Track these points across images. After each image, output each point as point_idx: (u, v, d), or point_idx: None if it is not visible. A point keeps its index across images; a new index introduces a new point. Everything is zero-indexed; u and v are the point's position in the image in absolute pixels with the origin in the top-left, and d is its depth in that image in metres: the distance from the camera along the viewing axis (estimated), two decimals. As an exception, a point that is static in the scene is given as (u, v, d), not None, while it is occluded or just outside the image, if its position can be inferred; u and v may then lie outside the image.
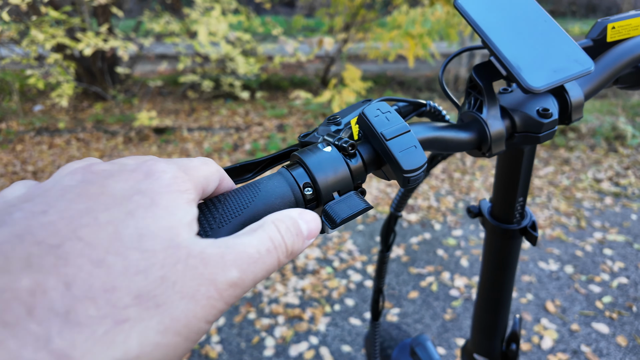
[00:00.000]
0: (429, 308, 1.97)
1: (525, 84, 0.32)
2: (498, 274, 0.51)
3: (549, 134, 0.38)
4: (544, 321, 1.87)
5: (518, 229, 0.48)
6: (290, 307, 1.97)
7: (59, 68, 3.79)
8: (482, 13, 0.35)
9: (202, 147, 3.87)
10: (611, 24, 0.43)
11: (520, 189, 0.46)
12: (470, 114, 0.38)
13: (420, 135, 0.34)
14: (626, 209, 2.78)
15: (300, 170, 0.29)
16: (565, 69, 0.33)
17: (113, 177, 0.21)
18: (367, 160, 0.31)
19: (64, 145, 3.99)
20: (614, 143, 3.77)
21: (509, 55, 0.33)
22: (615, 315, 1.89)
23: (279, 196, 0.28)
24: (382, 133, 0.30)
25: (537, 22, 0.36)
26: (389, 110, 0.31)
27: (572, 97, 0.39)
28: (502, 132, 0.37)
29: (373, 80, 5.99)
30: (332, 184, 0.29)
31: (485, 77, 0.37)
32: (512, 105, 0.38)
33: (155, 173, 0.22)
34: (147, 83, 5.23)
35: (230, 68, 4.27)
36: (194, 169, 0.24)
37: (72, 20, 3.79)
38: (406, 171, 0.29)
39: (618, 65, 0.40)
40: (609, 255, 2.31)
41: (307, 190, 0.29)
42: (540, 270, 2.20)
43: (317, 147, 0.30)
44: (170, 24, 4.29)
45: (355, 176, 0.30)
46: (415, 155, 0.29)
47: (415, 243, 2.46)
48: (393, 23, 3.04)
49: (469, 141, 0.37)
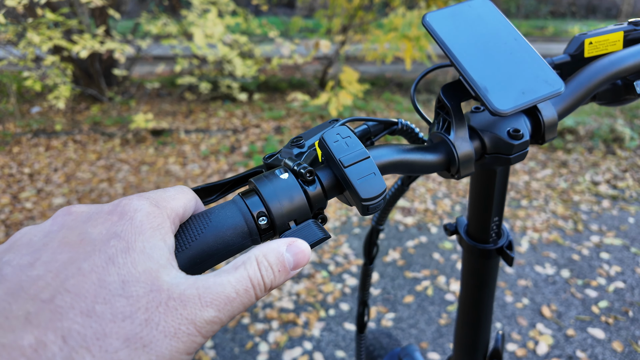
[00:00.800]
0: (424, 313, 1.96)
1: (491, 106, 0.31)
2: (476, 292, 0.50)
3: (521, 155, 0.37)
4: (540, 326, 1.86)
5: (494, 249, 0.47)
6: (285, 312, 1.96)
7: (56, 70, 3.78)
8: (450, 31, 0.34)
9: (199, 149, 3.86)
10: (588, 39, 0.43)
11: (495, 209, 0.45)
12: (438, 135, 0.37)
13: (384, 159, 0.33)
14: (623, 212, 2.77)
15: (255, 198, 0.28)
16: (534, 91, 0.32)
17: (90, 221, 0.23)
18: (327, 186, 0.30)
19: (61, 147, 3.98)
20: (612, 145, 3.76)
21: (476, 76, 0.32)
22: (612, 320, 1.88)
23: (230, 227, 0.27)
24: (341, 160, 0.29)
25: (508, 41, 0.34)
26: (348, 135, 0.30)
27: (544, 117, 0.38)
28: (471, 154, 0.36)
29: (371, 82, 5.98)
30: (287, 213, 0.28)
31: (454, 98, 0.35)
32: (482, 125, 0.37)
33: (128, 213, 0.23)
34: (144, 85, 5.22)
35: (227, 70, 4.27)
36: (168, 200, 0.26)
37: (69, 22, 3.78)
38: (364, 199, 0.28)
39: (593, 84, 0.39)
40: (606, 259, 2.30)
41: (262, 219, 0.28)
42: (537, 274, 2.19)
43: (274, 174, 0.29)
44: (168, 26, 4.28)
45: (314, 203, 0.29)
46: (374, 183, 0.29)
47: (411, 247, 2.45)
48: (390, 25, 3.04)
49: (436, 163, 0.36)
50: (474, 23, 0.35)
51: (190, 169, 3.50)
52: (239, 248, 0.28)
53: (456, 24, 0.35)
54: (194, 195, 0.28)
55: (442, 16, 0.35)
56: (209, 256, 0.26)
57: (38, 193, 3.12)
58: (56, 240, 0.22)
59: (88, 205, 0.25)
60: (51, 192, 3.14)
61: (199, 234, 0.26)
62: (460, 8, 0.36)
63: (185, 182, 3.27)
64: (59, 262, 0.21)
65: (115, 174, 3.44)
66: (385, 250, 2.42)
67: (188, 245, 0.25)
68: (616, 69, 0.40)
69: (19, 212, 2.85)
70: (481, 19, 0.35)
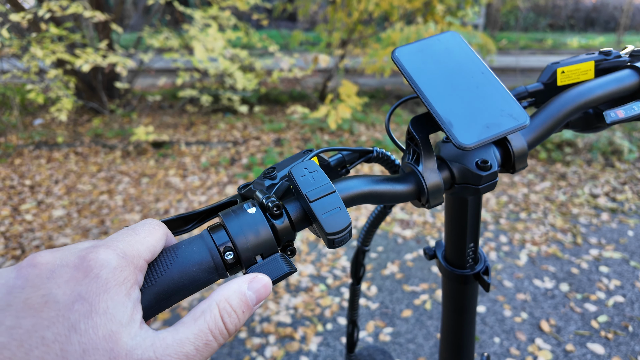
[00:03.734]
0: (423, 327, 1.95)
1: (456, 141, 0.32)
2: (457, 318, 0.51)
3: (490, 185, 0.37)
4: (539, 341, 1.85)
5: (472, 274, 0.48)
6: (282, 326, 1.95)
7: (59, 83, 3.83)
8: (418, 65, 0.35)
9: (200, 161, 3.88)
10: (561, 68, 0.44)
11: (470, 235, 0.46)
12: (408, 165, 0.38)
13: (352, 191, 0.34)
14: (623, 225, 2.76)
15: (222, 232, 0.29)
16: (498, 125, 0.33)
17: (54, 278, 0.22)
18: (295, 219, 0.31)
19: (62, 159, 4.01)
20: (611, 158, 3.77)
21: (441, 110, 0.33)
22: (611, 335, 1.86)
23: (196, 262, 0.27)
24: (306, 194, 0.30)
25: (475, 75, 0.35)
26: (315, 169, 0.31)
27: (514, 147, 0.38)
28: (439, 184, 0.36)
29: (371, 94, 6.03)
30: (253, 248, 0.28)
31: (422, 130, 0.36)
32: (451, 156, 0.38)
33: (94, 269, 0.23)
34: (146, 97, 5.27)
35: (228, 83, 4.31)
36: (137, 246, 0.26)
37: (72, 36, 3.84)
38: (329, 234, 0.29)
39: (563, 114, 0.40)
40: (605, 272, 2.28)
41: (228, 254, 0.28)
42: (535, 288, 2.18)
43: (242, 208, 0.30)
44: (170, 40, 4.34)
45: (282, 237, 0.30)
46: (338, 218, 0.29)
47: (409, 260, 2.44)
48: (388, 40, 3.08)
49: (407, 193, 0.36)
50: (442, 57, 0.36)
51: (190, 181, 3.51)
52: (206, 282, 0.28)
53: (424, 58, 0.36)
54: (164, 231, 0.28)
55: (411, 51, 0.36)
56: (175, 292, 0.27)
57: (38, 205, 3.14)
58: (19, 301, 0.22)
59: (54, 253, 0.24)
60: (51, 204, 3.16)
61: (164, 270, 0.26)
62: (429, 42, 0.37)
63: (184, 194, 3.28)
64: (23, 329, 0.21)
65: (116, 186, 3.46)
66: (383, 263, 2.41)
67: (154, 281, 0.26)
68: (585, 99, 0.41)
69: (18, 224, 2.86)
70: (449, 53, 0.36)
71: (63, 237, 2.71)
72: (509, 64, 8.48)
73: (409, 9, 3.90)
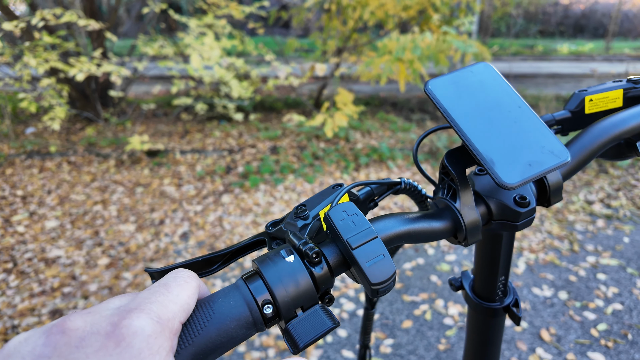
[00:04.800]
0: (423, 338, 1.93)
1: (499, 180, 0.31)
2: (482, 350, 0.50)
3: (528, 222, 0.37)
4: (539, 351, 1.84)
5: (501, 307, 0.47)
6: (282, 340, 1.93)
7: (51, 91, 3.79)
8: (452, 98, 0.34)
9: (195, 170, 3.86)
10: (589, 96, 0.43)
11: (502, 269, 0.45)
12: (444, 201, 0.36)
13: (391, 232, 0.32)
14: (618, 231, 2.78)
15: (259, 283, 0.27)
16: (541, 162, 0.32)
17: (84, 348, 0.21)
18: (333, 264, 0.29)
19: (55, 168, 3.95)
20: (605, 164, 3.80)
21: (481, 147, 0.32)
22: (611, 343, 1.86)
23: (234, 318, 0.26)
24: (348, 241, 0.28)
25: (511, 109, 0.34)
26: (355, 212, 0.30)
27: (550, 182, 0.38)
28: (478, 221, 0.35)
29: (366, 101, 6.05)
30: (294, 300, 0.27)
31: (458, 165, 0.35)
32: (487, 191, 0.37)
33: (126, 338, 0.21)
34: (140, 105, 5.24)
35: (224, 91, 4.30)
36: (171, 306, 0.24)
37: (66, 45, 3.81)
38: (374, 284, 0.28)
39: (597, 146, 0.40)
40: (603, 280, 2.29)
41: (267, 307, 0.27)
42: (535, 297, 2.18)
43: (279, 255, 0.28)
44: (165, 48, 4.33)
45: (321, 285, 0.29)
46: (383, 266, 0.28)
47: (408, 269, 2.44)
48: (384, 49, 3.09)
49: (444, 230, 0.35)
50: (476, 90, 0.35)
51: (185, 190, 3.48)
52: (243, 338, 0.27)
53: (458, 91, 0.35)
54: (197, 283, 0.27)
55: (444, 83, 0.35)
56: (212, 351, 0.25)
57: (31, 216, 3.08)
58: None
59: (85, 317, 0.23)
60: (44, 215, 3.11)
61: (201, 329, 0.25)
62: (462, 74, 0.36)
63: (180, 203, 3.25)
64: None
65: (110, 195, 3.42)
66: (382, 272, 2.40)
67: (191, 341, 0.24)
68: (619, 131, 0.40)
69: (10, 236, 2.81)
70: (483, 86, 0.35)
71: (56, 249, 2.67)
72: (501, 70, 8.57)
73: (404, 17, 3.93)
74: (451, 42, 2.74)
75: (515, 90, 0.36)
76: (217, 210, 3.14)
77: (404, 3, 3.34)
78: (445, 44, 2.79)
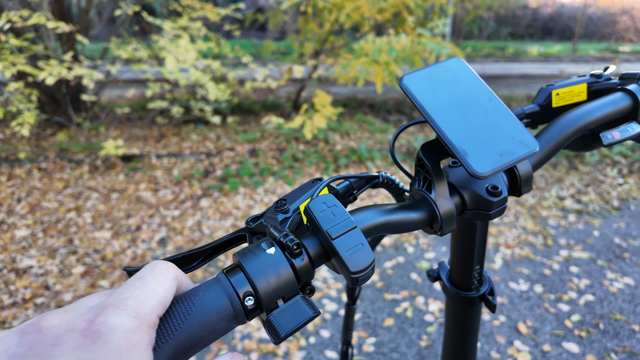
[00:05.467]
0: (405, 335, 1.96)
1: (471, 170, 0.32)
2: (461, 338, 0.51)
3: (500, 210, 0.38)
4: (517, 343, 1.89)
5: (477, 296, 0.48)
6: (264, 343, 1.91)
7: (19, 96, 3.65)
8: (427, 93, 0.35)
9: (172, 174, 3.79)
10: (555, 90, 0.45)
11: (477, 258, 0.46)
12: (420, 193, 0.37)
13: (369, 222, 0.33)
14: (589, 225, 2.89)
15: (240, 275, 0.27)
16: (511, 152, 0.33)
17: (59, 345, 0.21)
18: (314, 255, 0.30)
19: (25, 175, 3.81)
20: (574, 161, 3.95)
21: (454, 139, 0.33)
22: (584, 333, 1.93)
23: (215, 311, 0.26)
24: (328, 231, 0.29)
25: (483, 102, 0.35)
26: (334, 204, 0.30)
27: (521, 172, 0.39)
28: (452, 211, 0.36)
29: (344, 103, 6.09)
30: (275, 291, 0.27)
31: (433, 157, 0.36)
32: (461, 182, 0.38)
33: (103, 335, 0.21)
34: (114, 109, 5.11)
35: (200, 94, 4.25)
36: (148, 300, 0.24)
37: (34, 48, 3.68)
38: (354, 272, 0.28)
39: (563, 137, 0.42)
40: (575, 272, 2.38)
41: (248, 300, 0.27)
42: (511, 291, 2.24)
43: (260, 248, 0.28)
44: (138, 51, 4.24)
45: (302, 276, 0.29)
46: (362, 255, 0.28)
47: (389, 267, 2.46)
48: (360, 51, 3.12)
49: (420, 220, 0.36)
50: (449, 84, 0.36)
51: (162, 195, 3.42)
52: (225, 331, 0.27)
53: (432, 86, 0.36)
54: (174, 275, 0.26)
55: (419, 78, 0.36)
56: (194, 344, 0.25)
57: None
58: None
59: (61, 315, 0.22)
60: (14, 223, 2.99)
61: (182, 322, 0.25)
62: (435, 69, 0.37)
63: (156, 209, 3.19)
64: None
65: (84, 202, 3.32)
66: (363, 272, 2.42)
67: (172, 335, 0.24)
68: (584, 122, 0.42)
69: (-22, 246, 2.69)
70: (456, 80, 0.36)
71: (28, 258, 2.57)
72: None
73: (380, 20, 3.98)
74: (426, 44, 2.80)
75: (486, 83, 0.37)
76: (195, 215, 3.10)
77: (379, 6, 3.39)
78: (420, 46, 2.85)
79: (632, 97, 0.44)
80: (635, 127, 0.43)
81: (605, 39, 14.93)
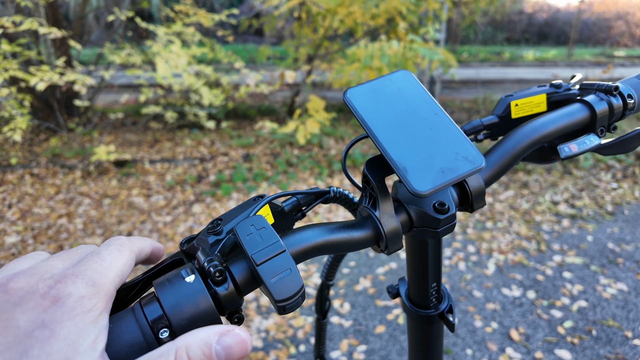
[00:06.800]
0: (396, 343, 1.93)
1: (411, 188, 0.31)
2: (423, 357, 0.49)
3: (449, 228, 0.36)
4: (509, 350, 1.87)
5: (436, 314, 0.47)
6: (253, 351, 1.89)
7: (12, 101, 3.64)
8: (370, 107, 0.34)
9: (165, 180, 3.77)
10: (514, 101, 0.44)
11: (432, 276, 0.44)
12: (365, 210, 0.36)
13: (304, 244, 0.31)
14: (582, 230, 2.88)
15: (155, 305, 0.26)
16: (454, 169, 0.31)
17: (22, 304, 0.23)
18: (241, 283, 0.28)
19: (17, 181, 3.79)
20: (568, 166, 3.95)
21: (395, 155, 0.32)
22: (577, 340, 1.91)
23: (127, 344, 0.24)
24: (253, 257, 0.27)
25: (428, 116, 0.34)
26: (263, 226, 0.29)
27: (471, 187, 0.38)
28: (398, 229, 0.35)
29: (339, 108, 6.09)
30: (191, 323, 0.25)
31: (378, 174, 0.35)
32: (408, 198, 0.37)
33: (61, 298, 0.23)
34: (107, 115, 5.10)
35: (194, 99, 4.24)
36: (106, 272, 0.26)
37: (27, 53, 3.67)
38: (279, 301, 0.26)
39: (518, 150, 0.40)
40: (568, 278, 2.36)
41: (163, 332, 0.25)
42: (504, 297, 2.22)
43: (178, 276, 0.27)
44: (132, 56, 4.23)
45: (225, 305, 0.27)
46: (289, 282, 0.27)
47: (381, 273, 2.44)
48: (353, 57, 3.12)
49: (365, 239, 0.35)
50: (394, 98, 0.35)
51: (154, 201, 3.40)
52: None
53: (376, 99, 0.34)
54: (131, 249, 0.29)
55: (363, 91, 0.35)
56: None
57: (-11, 232, 2.94)
58: None
59: (27, 278, 0.24)
60: (3, 230, 2.96)
61: None
62: (381, 82, 0.36)
63: (149, 215, 3.17)
64: None
65: (76, 208, 3.29)
66: (356, 278, 2.40)
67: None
68: (538, 135, 0.41)
69: (-34, 253, 2.66)
70: (401, 93, 0.35)
71: (16, 265, 2.54)
72: (469, 76, 8.82)
73: (373, 25, 3.99)
74: (418, 50, 2.80)
75: (433, 97, 0.36)
76: (187, 221, 3.08)
77: (372, 11, 3.39)
78: (412, 52, 2.85)
79: (589, 108, 0.43)
80: (593, 139, 0.42)
81: (600, 43, 15.03)
